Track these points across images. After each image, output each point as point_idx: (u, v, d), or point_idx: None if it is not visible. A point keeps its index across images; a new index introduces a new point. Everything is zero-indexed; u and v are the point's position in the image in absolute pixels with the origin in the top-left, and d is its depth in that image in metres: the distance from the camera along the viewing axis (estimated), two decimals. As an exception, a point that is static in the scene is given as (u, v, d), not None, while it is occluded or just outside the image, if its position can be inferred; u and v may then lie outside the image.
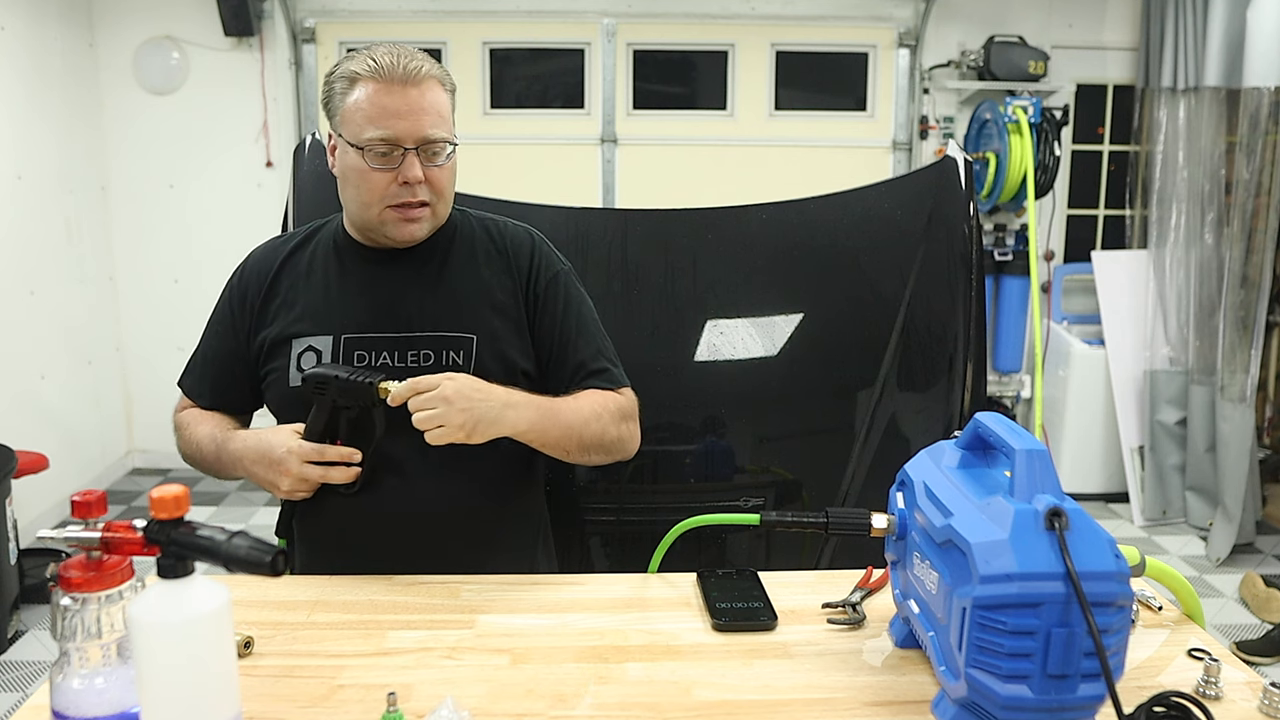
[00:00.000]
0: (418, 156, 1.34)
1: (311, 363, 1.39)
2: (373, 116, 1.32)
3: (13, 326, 3.69)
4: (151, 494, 0.81)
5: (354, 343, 1.40)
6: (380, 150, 1.33)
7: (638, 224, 1.96)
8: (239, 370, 1.47)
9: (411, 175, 1.34)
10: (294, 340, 1.42)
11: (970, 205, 1.88)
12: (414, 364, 1.39)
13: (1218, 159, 3.99)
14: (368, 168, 1.34)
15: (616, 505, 1.81)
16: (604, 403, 1.42)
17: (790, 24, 4.38)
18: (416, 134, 1.34)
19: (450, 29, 4.32)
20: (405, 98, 1.33)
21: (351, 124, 1.35)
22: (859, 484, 1.80)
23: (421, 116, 1.34)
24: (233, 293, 1.49)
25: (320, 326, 1.41)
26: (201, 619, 0.79)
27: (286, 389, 1.40)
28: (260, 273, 1.48)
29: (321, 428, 1.32)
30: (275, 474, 1.33)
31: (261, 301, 1.46)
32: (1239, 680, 1.03)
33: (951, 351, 1.84)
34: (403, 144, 1.33)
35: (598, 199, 4.44)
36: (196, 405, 1.51)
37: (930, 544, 0.97)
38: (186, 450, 1.48)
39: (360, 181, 1.36)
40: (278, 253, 1.49)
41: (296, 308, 1.44)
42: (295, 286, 1.46)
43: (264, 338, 1.44)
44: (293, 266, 1.48)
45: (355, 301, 1.43)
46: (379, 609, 1.19)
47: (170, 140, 4.34)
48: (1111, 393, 4.21)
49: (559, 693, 1.01)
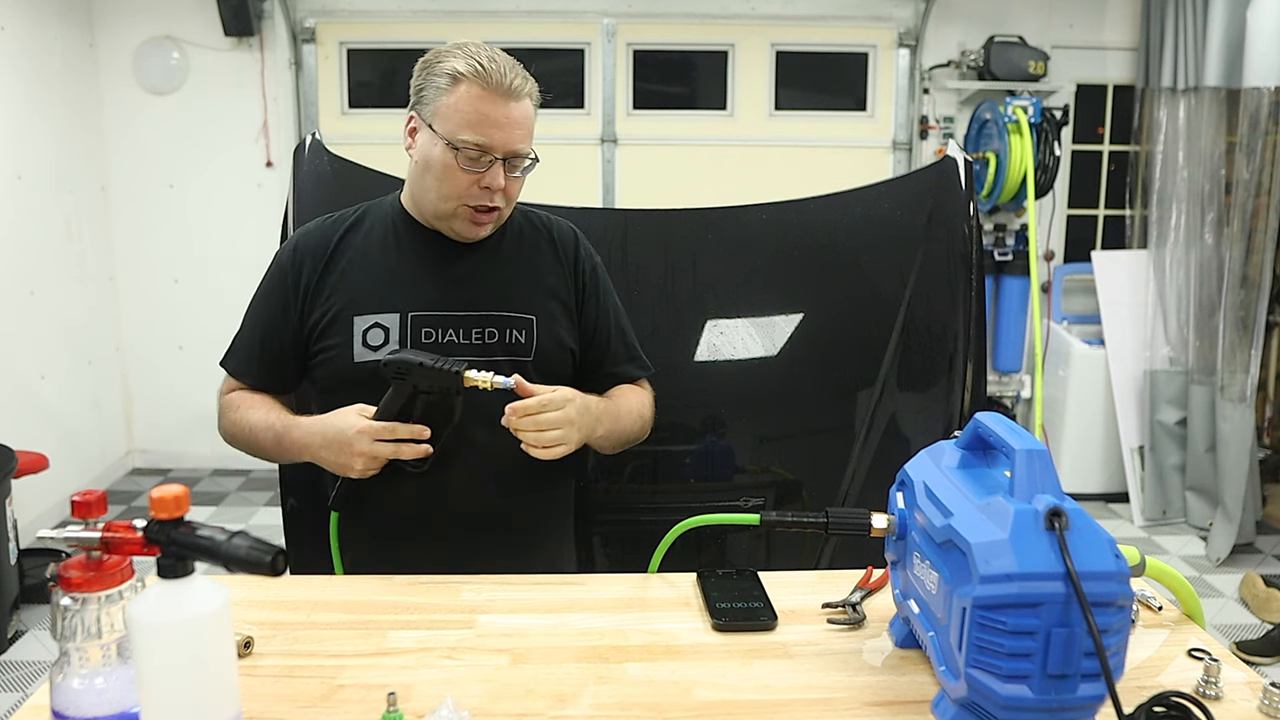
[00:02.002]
0: (503, 166, 1.41)
1: (379, 340, 1.43)
2: (472, 121, 1.38)
3: (13, 326, 3.69)
4: (151, 494, 0.81)
5: (421, 320, 1.45)
6: (471, 154, 1.39)
7: (638, 224, 1.96)
8: (288, 349, 1.49)
9: (495, 183, 1.41)
10: (356, 318, 1.45)
11: (970, 205, 1.88)
12: (478, 342, 1.46)
13: (1218, 159, 3.99)
14: (456, 166, 1.40)
15: (616, 505, 1.81)
16: (643, 400, 1.57)
17: (790, 24, 4.38)
18: (508, 146, 1.41)
19: (450, 29, 4.32)
20: (505, 110, 1.39)
21: (448, 121, 1.40)
22: (859, 484, 1.80)
23: (515, 130, 1.41)
24: (284, 271, 1.50)
25: (385, 304, 1.45)
26: (201, 619, 0.79)
27: (349, 365, 1.44)
28: (316, 251, 1.50)
29: (396, 411, 1.36)
30: (347, 455, 1.36)
31: (318, 279, 1.48)
32: (1239, 680, 1.03)
33: (951, 351, 1.84)
34: (494, 153, 1.40)
35: (598, 199, 4.44)
36: (242, 385, 1.52)
37: (930, 544, 0.97)
38: (233, 432, 1.50)
39: (444, 176, 1.42)
40: (333, 231, 1.52)
41: (356, 286, 1.47)
42: (353, 264, 1.49)
43: (320, 315, 1.47)
44: (349, 245, 1.50)
45: (420, 281, 1.48)
46: (379, 609, 1.19)
47: (170, 140, 4.34)
48: (1111, 393, 4.21)
49: (559, 693, 1.01)
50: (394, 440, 1.35)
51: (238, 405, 1.49)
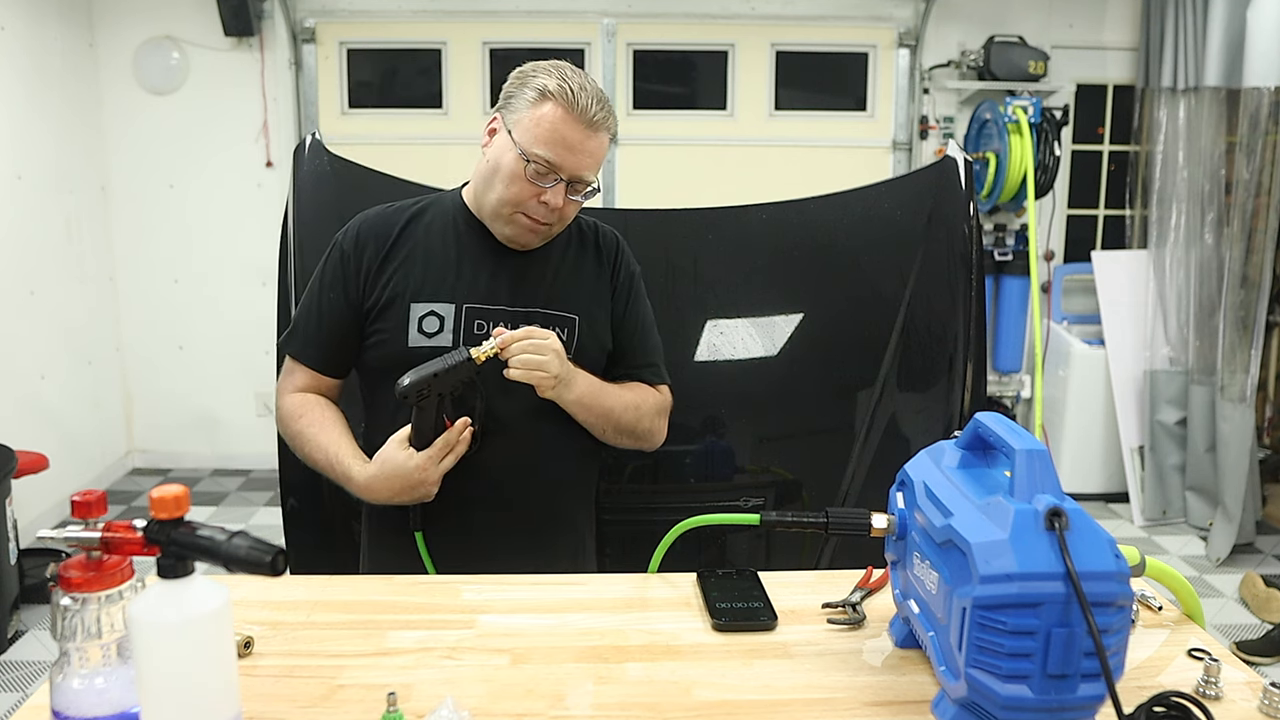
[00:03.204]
0: (565, 188, 1.46)
1: (434, 328, 1.49)
2: (549, 140, 1.44)
3: (13, 326, 3.69)
4: (151, 494, 0.81)
5: (474, 312, 1.50)
6: (540, 170, 1.45)
7: (638, 224, 1.96)
8: (350, 333, 1.53)
9: (555, 202, 1.46)
10: (413, 304, 1.49)
11: (970, 205, 1.88)
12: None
13: (1218, 159, 3.99)
14: (523, 176, 1.45)
15: (616, 505, 1.81)
16: (645, 397, 1.58)
17: (790, 24, 4.38)
18: (576, 171, 1.46)
19: (450, 29, 4.32)
20: (582, 136, 1.45)
21: (527, 133, 1.45)
22: (859, 484, 1.80)
23: (586, 158, 1.46)
24: (345, 255, 1.53)
25: (443, 294, 1.50)
26: (201, 619, 0.78)
27: (403, 349, 1.48)
28: (378, 236, 1.54)
29: (431, 425, 1.41)
30: (423, 490, 1.43)
31: (379, 265, 1.52)
32: (1239, 680, 1.03)
33: (951, 351, 1.84)
34: (561, 173, 1.45)
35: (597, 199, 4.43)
36: (304, 369, 1.55)
37: (930, 544, 0.97)
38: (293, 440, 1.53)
39: (510, 182, 1.46)
40: (396, 218, 1.56)
41: (415, 273, 1.51)
42: (414, 253, 1.53)
43: (377, 298, 1.51)
44: (411, 234, 1.55)
45: (476, 274, 1.53)
46: (379, 609, 1.19)
47: (170, 140, 4.34)
48: (1111, 393, 4.21)
49: (559, 693, 1.01)
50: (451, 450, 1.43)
51: (301, 414, 1.53)
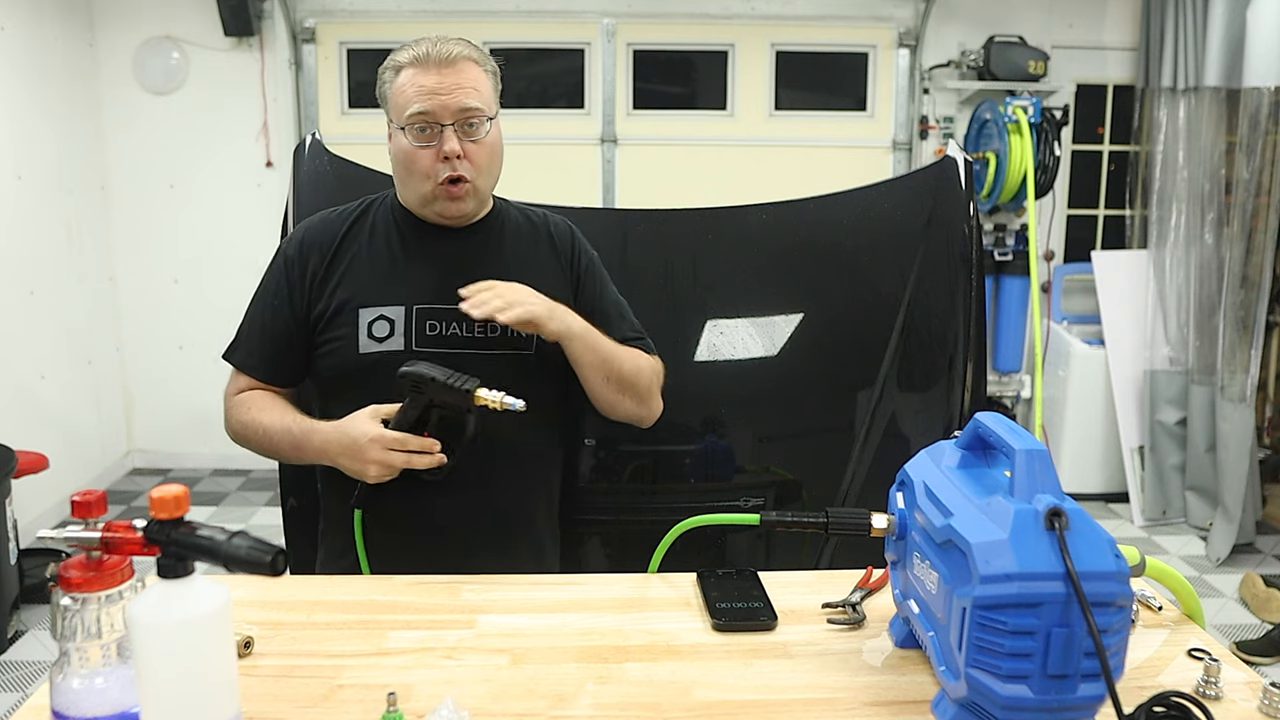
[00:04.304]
0: (456, 131, 1.42)
1: (384, 332, 1.45)
2: (411, 96, 1.42)
3: (13, 326, 3.69)
4: (151, 494, 0.81)
5: (425, 313, 1.47)
6: (419, 126, 1.42)
7: (638, 224, 1.96)
8: (296, 341, 1.50)
9: (449, 149, 1.42)
10: (361, 309, 1.46)
11: (970, 205, 1.88)
12: (480, 334, 1.47)
13: (1218, 159, 3.99)
14: (412, 146, 1.43)
15: (616, 505, 1.81)
16: (641, 356, 1.56)
17: (790, 24, 4.38)
18: (452, 107, 1.42)
19: (450, 29, 4.25)
20: (441, 76, 1.42)
21: (396, 108, 1.44)
22: (859, 484, 1.80)
23: (455, 91, 1.42)
24: (289, 263, 1.51)
25: (390, 297, 1.47)
26: (201, 619, 0.78)
27: (354, 356, 1.45)
28: (322, 243, 1.51)
29: (412, 422, 1.37)
30: (361, 462, 1.37)
31: (324, 270, 1.49)
32: (1239, 680, 1.03)
33: (951, 351, 1.84)
34: (440, 120, 1.42)
35: (598, 199, 4.44)
36: (249, 379, 1.52)
37: (930, 544, 0.97)
38: (245, 434, 1.49)
39: (406, 161, 1.45)
40: (339, 223, 1.53)
41: (362, 277, 1.49)
42: (358, 257, 1.50)
43: (325, 306, 1.48)
44: (355, 237, 1.52)
45: (424, 274, 1.49)
46: (379, 609, 1.19)
47: (170, 140, 4.34)
48: (1111, 393, 4.20)
49: (559, 693, 1.01)
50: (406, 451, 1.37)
51: (249, 406, 1.49)
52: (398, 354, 1.44)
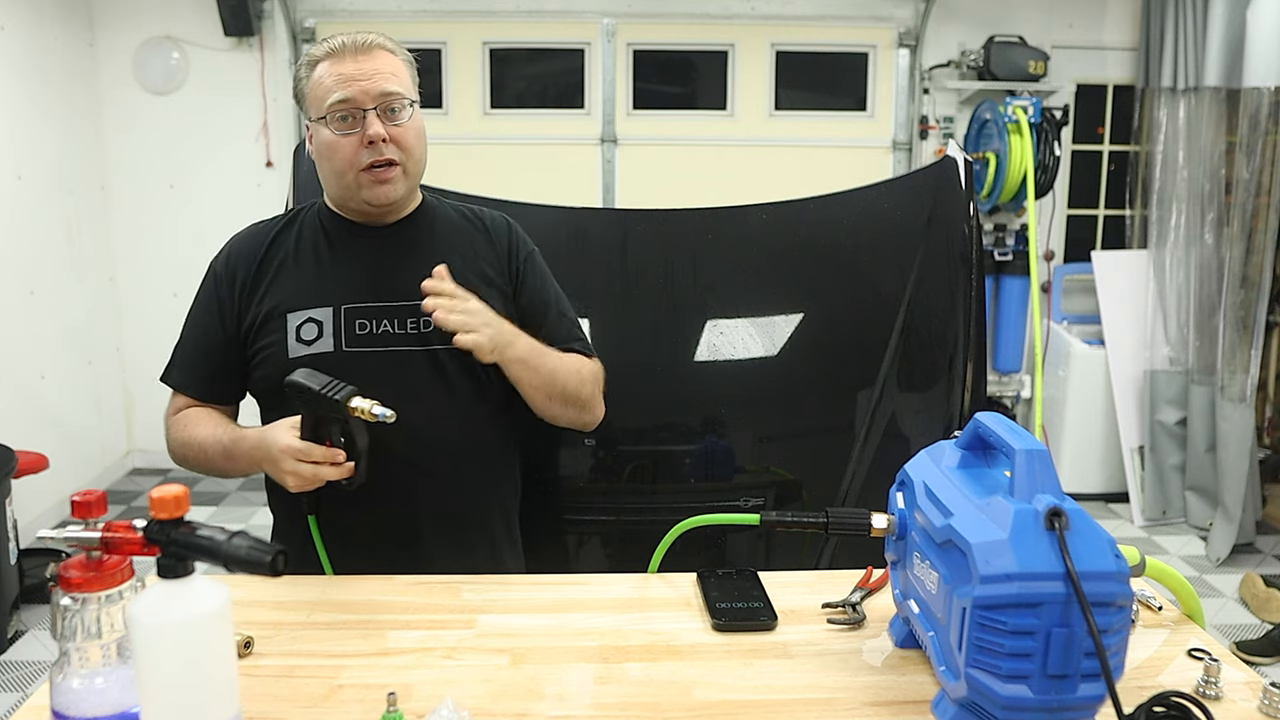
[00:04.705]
0: (378, 116, 1.40)
1: (312, 334, 1.42)
2: (330, 86, 1.40)
3: (13, 326, 3.69)
4: (151, 494, 0.81)
5: (354, 312, 1.44)
6: (341, 114, 1.40)
7: (638, 224, 1.96)
8: (231, 358, 1.48)
9: (373, 132, 1.39)
10: (289, 314, 1.44)
11: (970, 205, 1.88)
12: (414, 330, 1.45)
13: (1218, 159, 3.99)
14: (334, 136, 1.41)
15: (616, 505, 1.81)
16: (582, 364, 1.53)
17: (790, 24, 4.38)
18: (373, 92, 1.40)
19: (450, 29, 4.32)
20: (357, 64, 1.41)
21: (315, 101, 1.43)
22: (859, 484, 1.80)
23: (375, 76, 1.41)
24: (218, 279, 1.50)
25: (318, 299, 1.45)
26: (201, 619, 0.78)
27: (284, 361, 1.41)
28: (248, 255, 1.50)
29: (310, 431, 1.30)
30: (278, 473, 1.33)
31: (252, 282, 1.47)
32: (1239, 680, 1.03)
33: (951, 351, 1.84)
34: (361, 105, 1.40)
35: (598, 199, 4.43)
36: (187, 398, 1.50)
37: (930, 544, 0.97)
38: (183, 452, 1.47)
39: (330, 152, 1.42)
40: (264, 234, 1.52)
41: (290, 283, 1.47)
42: (286, 264, 1.48)
43: (255, 315, 1.46)
44: (281, 245, 1.50)
45: (351, 273, 1.47)
46: (379, 609, 1.19)
47: (170, 140, 4.34)
48: (1111, 393, 4.20)
49: (559, 693, 1.01)
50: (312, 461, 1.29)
51: (185, 424, 1.46)
52: (327, 355, 1.41)
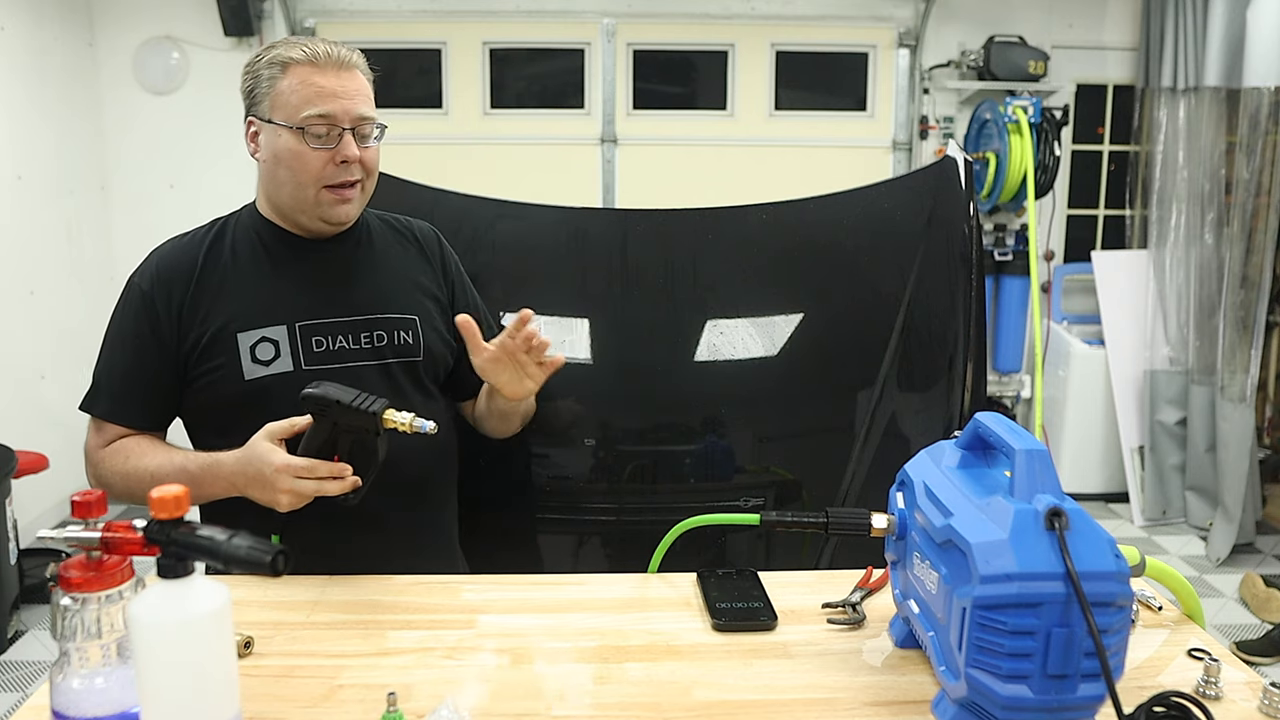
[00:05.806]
0: (352, 136, 1.39)
1: (269, 354, 1.39)
2: (309, 97, 1.37)
3: (13, 326, 3.69)
4: (151, 494, 0.81)
5: (309, 330, 1.41)
6: (318, 130, 1.37)
7: (638, 224, 1.96)
8: (167, 381, 1.41)
9: (350, 153, 1.38)
10: (240, 334, 1.39)
11: (970, 205, 1.87)
12: (368, 345, 1.44)
13: (1218, 159, 3.99)
14: (305, 148, 1.38)
15: (616, 505, 1.81)
16: None
17: (790, 24, 4.38)
18: (353, 113, 1.39)
19: (450, 29, 4.32)
20: (339, 80, 1.39)
21: (285, 107, 1.38)
22: (859, 484, 1.80)
23: (356, 96, 1.40)
24: (147, 299, 1.42)
25: (269, 317, 1.40)
26: (201, 619, 0.78)
27: (240, 383, 1.37)
28: (182, 272, 1.43)
29: (319, 445, 1.27)
30: (271, 493, 1.26)
31: (191, 301, 1.41)
32: (1239, 680, 1.03)
33: (951, 351, 1.84)
34: (340, 123, 1.38)
35: (598, 199, 4.43)
36: (117, 427, 1.43)
37: (930, 544, 0.97)
38: (127, 485, 1.38)
39: (295, 163, 1.38)
40: (194, 249, 1.46)
41: (235, 302, 1.41)
42: (225, 280, 1.43)
43: (197, 336, 1.40)
44: (216, 260, 1.44)
45: (299, 289, 1.44)
46: (379, 609, 1.19)
47: (170, 140, 4.34)
48: (1111, 393, 4.21)
49: (559, 693, 1.01)
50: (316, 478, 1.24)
51: (126, 455, 1.39)
52: (288, 375, 1.37)
